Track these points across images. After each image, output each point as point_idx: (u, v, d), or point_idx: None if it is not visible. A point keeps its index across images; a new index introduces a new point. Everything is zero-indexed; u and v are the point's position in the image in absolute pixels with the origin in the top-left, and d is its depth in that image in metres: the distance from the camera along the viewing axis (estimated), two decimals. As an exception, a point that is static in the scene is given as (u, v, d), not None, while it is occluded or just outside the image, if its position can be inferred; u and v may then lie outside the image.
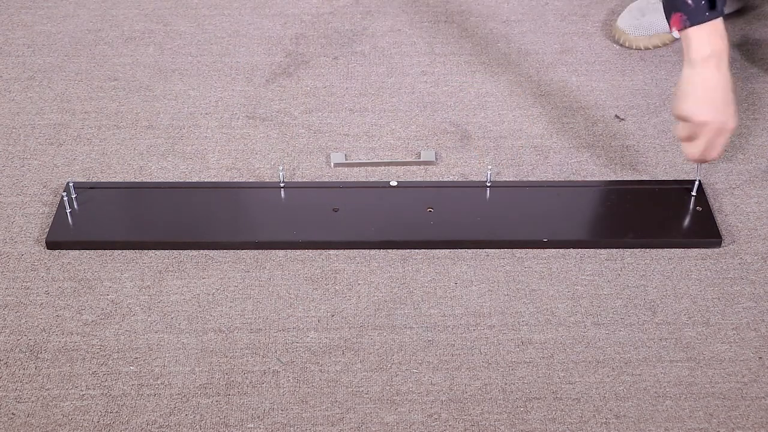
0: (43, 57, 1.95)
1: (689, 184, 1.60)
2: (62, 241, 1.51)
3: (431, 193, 1.60)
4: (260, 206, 1.59)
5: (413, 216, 1.56)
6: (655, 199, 1.59)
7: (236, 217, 1.56)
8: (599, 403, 1.30)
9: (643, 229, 1.54)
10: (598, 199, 1.61)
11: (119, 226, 1.55)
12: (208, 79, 1.89)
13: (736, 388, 1.32)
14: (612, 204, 1.59)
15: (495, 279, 1.47)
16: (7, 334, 1.39)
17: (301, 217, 1.55)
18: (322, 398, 1.31)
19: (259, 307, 1.43)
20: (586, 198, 1.61)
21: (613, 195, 1.60)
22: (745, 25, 2.01)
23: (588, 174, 1.65)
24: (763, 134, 1.74)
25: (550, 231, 1.52)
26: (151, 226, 1.55)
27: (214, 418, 1.28)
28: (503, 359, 1.35)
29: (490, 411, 1.29)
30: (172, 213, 1.57)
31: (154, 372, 1.34)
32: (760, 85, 1.85)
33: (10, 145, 1.73)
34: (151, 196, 1.60)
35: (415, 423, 1.27)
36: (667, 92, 1.84)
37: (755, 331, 1.39)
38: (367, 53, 1.95)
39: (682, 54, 1.48)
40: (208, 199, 1.59)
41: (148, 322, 1.41)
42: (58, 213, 1.54)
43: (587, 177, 1.65)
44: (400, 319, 1.41)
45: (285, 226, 1.54)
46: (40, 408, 1.29)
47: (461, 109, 1.81)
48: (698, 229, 1.54)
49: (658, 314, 1.42)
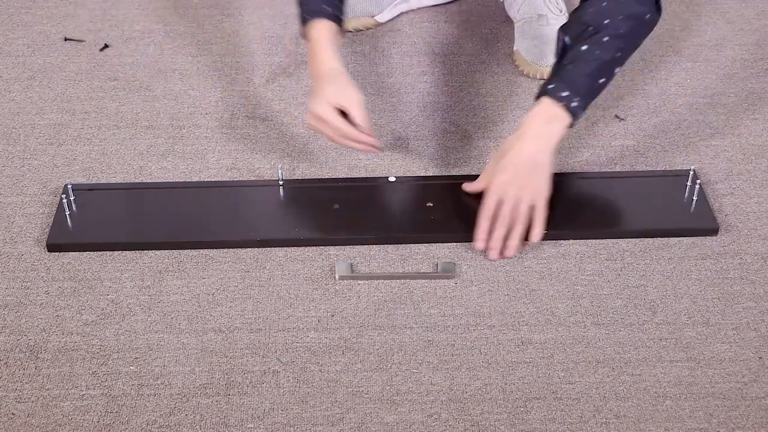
0: (43, 57, 1.95)
1: (684, 174, 1.60)
2: (63, 243, 1.51)
3: (432, 189, 1.60)
4: (259, 204, 1.59)
5: (413, 212, 1.56)
6: (650, 190, 1.59)
7: (235, 215, 1.56)
8: (599, 403, 1.30)
9: (639, 219, 1.54)
10: (594, 191, 1.60)
11: (119, 228, 1.55)
12: (208, 79, 1.89)
13: (736, 388, 1.32)
14: (608, 195, 1.59)
15: (495, 279, 1.47)
16: (7, 334, 1.39)
17: (300, 213, 1.56)
18: (322, 398, 1.31)
19: (259, 307, 1.43)
20: (583, 189, 1.61)
21: (609, 186, 1.60)
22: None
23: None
24: (763, 134, 1.74)
25: (549, 222, 1.51)
26: (150, 226, 1.55)
27: (214, 418, 1.28)
28: (503, 359, 1.35)
29: (490, 411, 1.29)
30: (171, 213, 1.57)
31: (154, 372, 1.34)
32: (760, 85, 1.85)
33: (10, 145, 1.73)
34: (149, 197, 1.60)
35: (415, 423, 1.27)
36: (667, 92, 1.84)
37: (755, 331, 1.39)
38: (367, 53, 1.95)
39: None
40: (207, 198, 1.59)
41: (148, 322, 1.41)
42: (57, 216, 1.54)
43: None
44: (400, 319, 1.41)
45: (285, 223, 1.54)
46: (40, 408, 1.29)
47: (461, 109, 1.81)
48: (695, 219, 1.54)
49: (658, 314, 1.42)
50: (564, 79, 1.47)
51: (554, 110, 1.47)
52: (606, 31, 1.47)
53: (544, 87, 1.49)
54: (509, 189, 1.47)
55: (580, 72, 1.47)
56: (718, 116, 1.78)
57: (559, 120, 1.47)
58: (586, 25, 1.49)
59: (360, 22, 2.00)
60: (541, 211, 1.48)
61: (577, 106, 1.47)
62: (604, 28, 1.47)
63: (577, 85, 1.47)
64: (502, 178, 1.47)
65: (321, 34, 1.57)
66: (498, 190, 1.47)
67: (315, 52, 1.57)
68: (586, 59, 1.47)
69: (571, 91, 1.47)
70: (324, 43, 1.56)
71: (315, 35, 1.57)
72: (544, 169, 1.48)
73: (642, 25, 1.51)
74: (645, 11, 1.50)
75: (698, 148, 1.71)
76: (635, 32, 1.50)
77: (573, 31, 1.50)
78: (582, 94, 1.47)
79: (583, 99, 1.47)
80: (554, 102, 1.47)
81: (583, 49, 1.48)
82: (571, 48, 1.49)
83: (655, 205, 1.57)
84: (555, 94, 1.47)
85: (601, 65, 1.48)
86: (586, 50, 1.47)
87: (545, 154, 1.47)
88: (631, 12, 1.48)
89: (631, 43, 1.51)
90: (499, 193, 1.47)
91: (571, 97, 1.47)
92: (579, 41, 1.48)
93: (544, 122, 1.48)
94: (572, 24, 1.51)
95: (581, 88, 1.47)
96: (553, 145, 1.48)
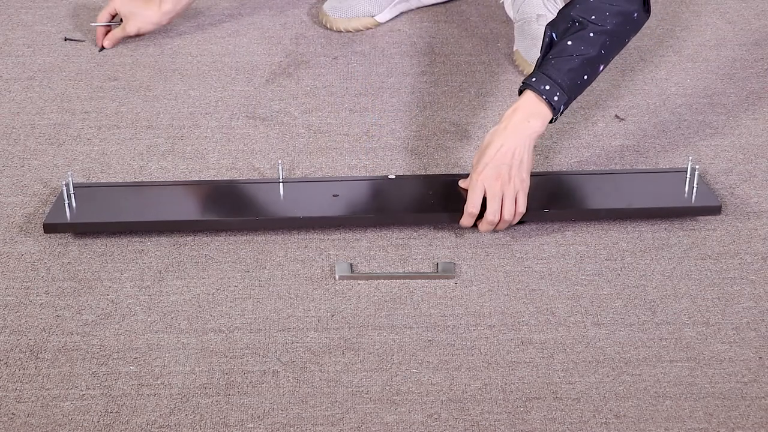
0: (43, 57, 1.95)
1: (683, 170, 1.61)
2: (59, 224, 1.51)
3: (430, 182, 1.60)
4: (260, 199, 1.59)
5: (412, 196, 1.58)
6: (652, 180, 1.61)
7: (236, 202, 1.57)
8: (599, 403, 1.30)
9: (642, 200, 1.57)
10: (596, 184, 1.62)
11: (118, 211, 1.55)
12: (208, 79, 1.89)
13: (736, 388, 1.32)
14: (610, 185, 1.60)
15: (495, 279, 1.47)
16: (7, 334, 1.39)
17: (301, 200, 1.57)
18: (322, 398, 1.31)
19: (259, 307, 1.43)
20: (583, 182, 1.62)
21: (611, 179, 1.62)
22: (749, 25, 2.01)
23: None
24: (763, 134, 1.74)
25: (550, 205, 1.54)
26: (151, 211, 1.55)
27: (214, 418, 1.28)
28: (503, 359, 1.35)
29: (490, 411, 1.29)
30: (172, 204, 1.57)
31: (154, 372, 1.34)
32: (760, 85, 1.86)
33: (10, 145, 1.73)
34: (149, 190, 1.60)
35: (415, 423, 1.27)
36: (667, 92, 1.84)
37: (755, 331, 1.39)
38: (367, 53, 1.95)
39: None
40: (207, 192, 1.60)
41: (148, 322, 1.41)
42: (56, 202, 1.55)
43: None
44: (400, 319, 1.41)
45: (285, 208, 1.57)
46: (40, 408, 1.29)
47: (461, 109, 1.81)
48: (698, 199, 1.55)
49: (658, 314, 1.42)
50: (547, 73, 1.48)
51: (536, 105, 1.48)
52: (591, 27, 1.48)
53: (527, 80, 1.49)
54: (493, 184, 1.48)
55: (563, 67, 1.47)
56: (718, 116, 1.78)
57: (541, 116, 1.48)
58: (573, 20, 1.49)
59: (360, 22, 2.00)
60: (523, 203, 1.50)
61: (558, 100, 1.47)
62: (590, 23, 1.48)
63: (560, 80, 1.47)
64: (484, 174, 1.48)
65: None
66: (480, 185, 1.48)
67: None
68: (571, 54, 1.47)
69: (554, 85, 1.47)
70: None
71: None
72: (524, 164, 1.49)
73: (629, 22, 1.51)
74: (633, 10, 1.50)
75: (698, 148, 1.71)
76: (621, 30, 1.50)
77: (559, 27, 1.51)
78: (564, 89, 1.48)
79: (565, 94, 1.48)
80: (536, 96, 1.48)
81: (569, 44, 1.48)
82: (557, 43, 1.49)
83: (657, 190, 1.58)
84: (537, 87, 1.47)
85: (585, 61, 1.48)
86: (571, 45, 1.48)
87: (524, 148, 1.48)
88: (619, 9, 1.49)
89: (616, 40, 1.51)
90: (482, 188, 1.48)
91: (553, 91, 1.47)
92: (564, 36, 1.49)
93: (525, 118, 1.48)
94: (559, 20, 1.52)
95: (564, 83, 1.47)
96: (532, 140, 1.49)
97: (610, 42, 1.49)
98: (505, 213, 1.49)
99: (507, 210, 1.48)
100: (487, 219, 1.49)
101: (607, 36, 1.48)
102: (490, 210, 1.48)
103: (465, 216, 1.50)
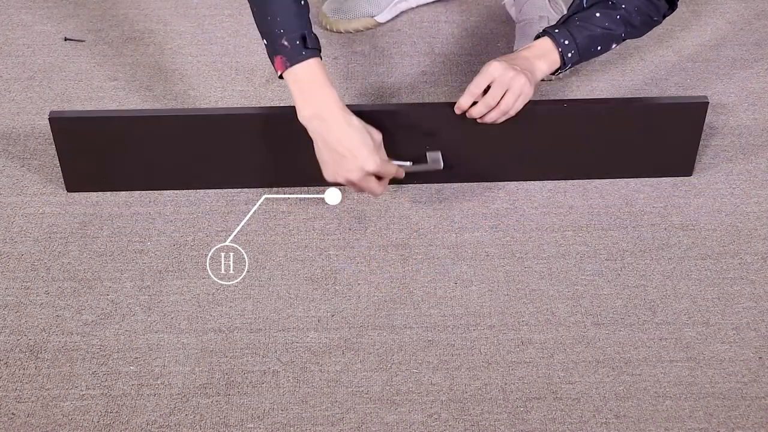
0: (43, 57, 1.95)
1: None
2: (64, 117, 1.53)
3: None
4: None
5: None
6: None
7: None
8: (599, 403, 1.30)
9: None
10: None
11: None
12: (208, 79, 1.89)
13: (736, 388, 1.32)
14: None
15: (495, 279, 1.47)
16: (7, 334, 1.39)
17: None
18: (322, 398, 1.31)
19: (259, 307, 1.43)
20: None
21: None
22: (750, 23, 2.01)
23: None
24: (763, 134, 1.74)
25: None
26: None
27: (214, 418, 1.28)
28: (503, 359, 1.36)
29: (490, 411, 1.29)
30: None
31: (154, 372, 1.34)
32: (760, 85, 1.85)
33: (10, 145, 1.73)
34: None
35: (415, 423, 1.28)
36: (667, 92, 1.84)
37: (755, 331, 1.39)
38: (367, 53, 1.95)
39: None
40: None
41: (148, 322, 1.41)
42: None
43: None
44: (400, 319, 1.41)
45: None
46: (40, 408, 1.29)
47: (461, 109, 1.81)
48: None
49: (658, 314, 1.42)
50: (570, 30, 1.54)
51: (549, 51, 1.54)
52: (620, 12, 1.55)
53: (550, 29, 1.55)
54: (504, 73, 1.49)
55: (585, 31, 1.54)
56: (718, 116, 1.78)
57: (549, 61, 1.54)
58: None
59: (360, 22, 2.00)
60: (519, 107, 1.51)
61: (571, 57, 1.54)
62: (620, 8, 1.55)
63: (579, 40, 1.54)
64: (498, 64, 1.50)
65: (316, 72, 1.44)
66: (492, 71, 1.49)
67: (313, 94, 1.44)
68: (596, 24, 1.54)
69: (572, 42, 1.53)
70: (321, 82, 1.44)
71: (308, 75, 1.44)
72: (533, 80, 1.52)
73: (655, 16, 1.59)
74: (663, 5, 1.59)
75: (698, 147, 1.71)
76: (646, 23, 1.59)
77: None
78: (579, 50, 1.54)
79: (578, 53, 1.54)
80: (553, 44, 1.54)
81: (597, 15, 1.55)
82: (585, 9, 1.56)
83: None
84: (558, 38, 1.53)
85: (605, 35, 1.55)
86: (599, 18, 1.55)
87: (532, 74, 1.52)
88: (647, 9, 1.57)
89: (635, 32, 1.59)
90: (492, 75, 1.49)
91: (570, 47, 1.54)
92: (594, 6, 1.55)
93: (537, 56, 1.54)
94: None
95: (581, 44, 1.54)
96: (536, 79, 1.53)
97: (630, 31, 1.58)
98: (503, 102, 1.50)
99: (506, 100, 1.50)
100: (485, 100, 1.50)
101: (630, 27, 1.57)
102: (492, 94, 1.50)
103: (465, 94, 1.52)
